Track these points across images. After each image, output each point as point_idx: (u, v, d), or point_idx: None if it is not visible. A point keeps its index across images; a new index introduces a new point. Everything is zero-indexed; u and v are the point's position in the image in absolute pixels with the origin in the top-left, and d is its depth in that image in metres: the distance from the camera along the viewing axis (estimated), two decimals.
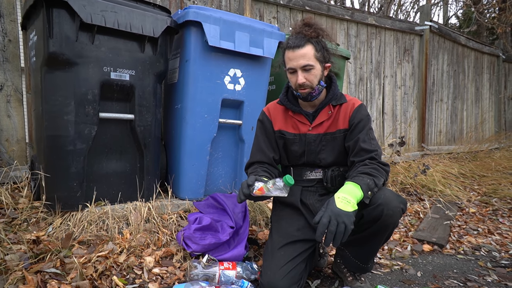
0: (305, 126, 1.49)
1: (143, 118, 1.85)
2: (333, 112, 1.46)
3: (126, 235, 1.67)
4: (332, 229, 1.14)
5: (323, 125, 1.47)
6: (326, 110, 1.47)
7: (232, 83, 2.08)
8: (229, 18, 2.00)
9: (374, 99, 4.33)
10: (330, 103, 1.46)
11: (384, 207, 1.28)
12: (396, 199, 1.31)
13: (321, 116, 1.47)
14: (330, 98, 1.46)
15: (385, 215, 1.28)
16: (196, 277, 1.44)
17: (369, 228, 1.34)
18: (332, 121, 1.46)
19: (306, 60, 1.35)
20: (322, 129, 1.47)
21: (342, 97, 1.48)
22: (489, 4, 8.36)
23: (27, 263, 1.36)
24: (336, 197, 1.21)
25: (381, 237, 1.38)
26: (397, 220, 1.34)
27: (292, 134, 1.50)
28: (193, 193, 2.07)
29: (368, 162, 1.34)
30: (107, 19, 1.64)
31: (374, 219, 1.30)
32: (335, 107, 1.47)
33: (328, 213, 1.16)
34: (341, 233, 1.14)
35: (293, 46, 1.36)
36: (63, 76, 1.63)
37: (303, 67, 1.36)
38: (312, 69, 1.36)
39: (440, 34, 5.12)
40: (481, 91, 6.34)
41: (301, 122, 1.50)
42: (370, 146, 1.37)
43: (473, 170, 4.19)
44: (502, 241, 2.29)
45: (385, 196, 1.29)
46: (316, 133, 1.47)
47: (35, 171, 1.78)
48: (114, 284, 1.39)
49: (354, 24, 4.06)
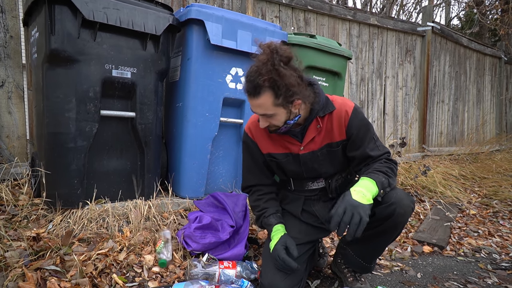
0: (295, 146, 1.39)
1: (144, 116, 1.84)
2: (323, 124, 1.36)
3: (126, 233, 1.66)
4: (346, 220, 1.13)
5: (315, 141, 1.37)
6: (314, 124, 1.36)
7: (233, 82, 2.08)
8: (232, 17, 2.00)
9: (376, 99, 4.32)
10: (318, 116, 1.35)
11: (397, 205, 1.27)
12: (407, 198, 1.32)
13: (310, 132, 1.37)
14: (316, 112, 1.34)
15: (397, 213, 1.28)
16: (196, 276, 1.43)
17: (379, 226, 1.34)
18: (324, 134, 1.36)
19: (263, 110, 1.24)
20: (315, 146, 1.38)
21: (329, 104, 1.35)
22: (491, 5, 8.34)
23: (27, 260, 1.36)
24: (352, 190, 1.21)
25: (390, 236, 1.38)
26: (407, 219, 1.34)
27: (284, 155, 1.41)
28: (194, 192, 2.07)
29: (384, 161, 1.33)
30: (109, 16, 1.64)
31: (385, 217, 1.30)
32: (324, 117, 1.36)
33: (344, 204, 1.16)
34: (356, 224, 1.13)
35: (248, 93, 1.24)
36: (65, 73, 1.62)
37: (262, 116, 1.28)
38: (272, 115, 1.25)
39: (442, 35, 5.11)
40: (483, 92, 6.33)
41: (289, 142, 1.40)
42: (379, 151, 1.35)
43: (474, 172, 4.18)
44: (502, 243, 2.29)
45: (397, 195, 1.29)
46: (309, 151, 1.39)
47: (36, 168, 1.77)
48: (114, 282, 1.39)
49: (356, 24, 4.06)
